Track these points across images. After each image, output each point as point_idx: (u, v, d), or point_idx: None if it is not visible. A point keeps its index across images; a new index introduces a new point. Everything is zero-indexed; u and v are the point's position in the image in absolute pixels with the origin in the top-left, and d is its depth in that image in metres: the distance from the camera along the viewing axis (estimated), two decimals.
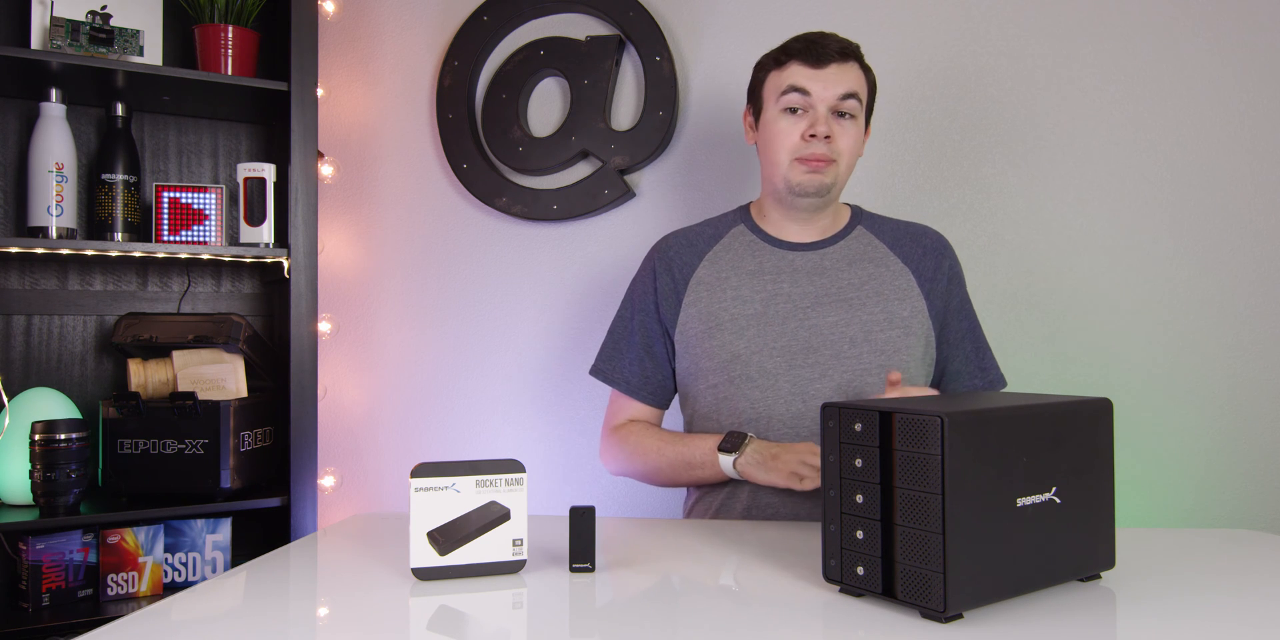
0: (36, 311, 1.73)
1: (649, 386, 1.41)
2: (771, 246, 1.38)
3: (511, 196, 1.88)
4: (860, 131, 1.32)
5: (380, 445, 1.94)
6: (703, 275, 1.38)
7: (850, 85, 1.28)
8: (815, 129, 1.27)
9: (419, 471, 0.93)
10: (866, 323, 1.30)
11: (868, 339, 1.29)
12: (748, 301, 1.33)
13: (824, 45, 1.29)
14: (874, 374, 1.28)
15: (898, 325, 1.30)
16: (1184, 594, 0.88)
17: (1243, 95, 1.68)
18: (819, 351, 1.29)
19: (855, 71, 1.30)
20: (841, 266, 1.34)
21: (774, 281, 1.34)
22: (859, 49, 1.32)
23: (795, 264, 1.35)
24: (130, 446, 1.57)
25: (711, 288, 1.36)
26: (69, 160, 1.61)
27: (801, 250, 1.36)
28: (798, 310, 1.32)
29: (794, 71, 1.30)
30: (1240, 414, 1.68)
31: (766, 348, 1.30)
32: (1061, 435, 0.86)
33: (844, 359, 1.28)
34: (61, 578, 1.55)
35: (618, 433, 1.42)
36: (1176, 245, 1.70)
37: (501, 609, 0.87)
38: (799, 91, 1.28)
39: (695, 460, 1.29)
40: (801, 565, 0.98)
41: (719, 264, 1.38)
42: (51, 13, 1.58)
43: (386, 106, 1.96)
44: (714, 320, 1.34)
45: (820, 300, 1.32)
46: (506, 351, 1.92)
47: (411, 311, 1.94)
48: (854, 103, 1.29)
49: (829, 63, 1.28)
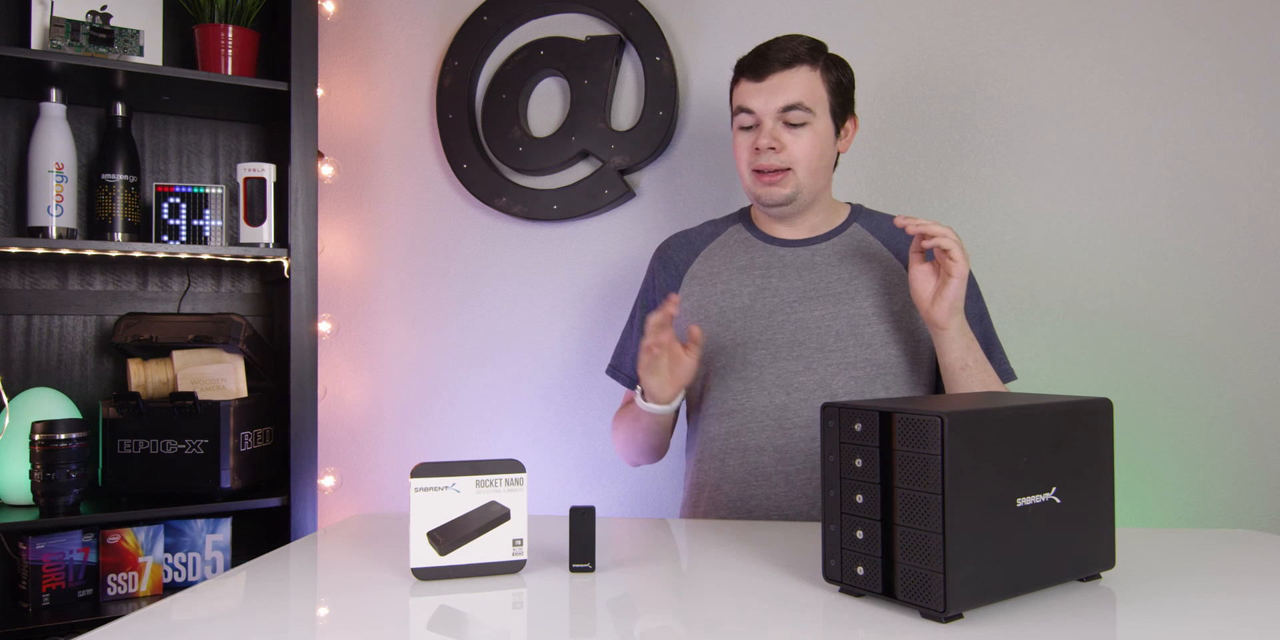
0: (36, 311, 1.73)
1: None
2: (764, 243, 1.39)
3: (511, 196, 1.88)
4: (816, 136, 1.29)
5: (380, 445, 1.94)
6: (696, 271, 1.40)
7: (791, 95, 1.27)
8: (759, 142, 1.29)
9: (419, 471, 0.94)
10: (853, 316, 1.30)
11: (854, 333, 1.30)
12: (737, 295, 1.35)
13: (768, 56, 1.29)
14: (859, 368, 1.29)
15: (886, 320, 1.30)
16: (1184, 594, 0.88)
17: (1243, 95, 1.68)
18: (804, 345, 1.30)
19: (801, 76, 1.28)
20: (832, 262, 1.35)
21: (763, 276, 1.35)
22: (814, 50, 1.30)
23: (786, 259, 1.36)
24: (130, 446, 1.57)
25: (704, 282, 1.38)
26: (69, 160, 1.61)
27: (793, 246, 1.38)
28: (785, 304, 1.33)
29: (742, 88, 1.32)
30: (1240, 414, 1.68)
31: (752, 340, 1.32)
32: (1061, 435, 0.86)
33: (829, 352, 1.29)
34: (61, 578, 1.55)
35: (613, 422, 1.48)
36: (1177, 245, 1.70)
37: (501, 609, 0.87)
38: (745, 110, 1.31)
39: (628, 412, 1.38)
40: (801, 565, 0.98)
41: (712, 260, 1.40)
42: (51, 13, 1.58)
43: (386, 106, 1.96)
44: (703, 313, 1.36)
45: (808, 294, 1.33)
46: (507, 351, 1.92)
47: (411, 311, 1.94)
48: (799, 112, 1.28)
49: (770, 74, 1.28)
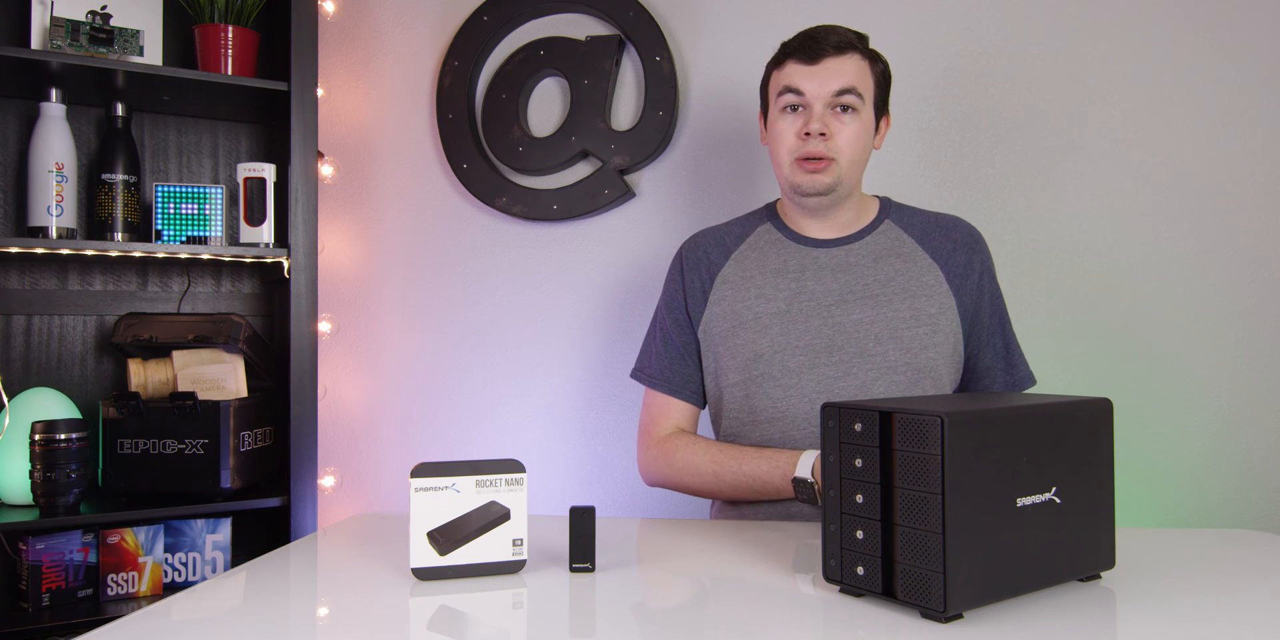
0: (36, 311, 1.73)
1: (690, 385, 1.38)
2: (796, 244, 1.35)
3: (511, 196, 1.88)
4: (863, 125, 1.28)
5: (380, 445, 1.94)
6: (728, 274, 1.36)
7: (847, 80, 1.26)
8: (810, 127, 1.26)
9: (419, 471, 0.93)
10: (892, 320, 1.27)
11: (893, 337, 1.26)
12: (771, 300, 1.31)
13: (819, 40, 1.27)
14: (899, 372, 1.25)
15: (924, 323, 1.27)
16: (1184, 594, 0.88)
17: (1243, 95, 1.68)
18: (843, 350, 1.27)
19: (854, 64, 1.27)
20: (867, 263, 1.32)
21: (798, 279, 1.32)
22: (861, 40, 1.30)
23: (820, 261, 1.33)
24: (130, 446, 1.57)
25: (736, 286, 1.35)
26: (69, 160, 1.61)
27: (827, 247, 1.34)
28: (821, 308, 1.29)
29: (790, 70, 1.28)
30: (1240, 414, 1.68)
31: (789, 346, 1.28)
32: (1061, 435, 0.86)
33: (869, 357, 1.26)
34: (61, 578, 1.55)
35: (663, 446, 1.36)
36: (1177, 245, 1.70)
37: (501, 609, 0.87)
38: (793, 91, 1.27)
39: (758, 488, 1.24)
40: (801, 565, 0.98)
41: (745, 263, 1.36)
42: (51, 13, 1.58)
43: (386, 106, 1.96)
44: (737, 319, 1.32)
45: (845, 297, 1.29)
46: (507, 351, 1.92)
47: (411, 311, 1.94)
48: (852, 97, 1.26)
49: (823, 58, 1.26)
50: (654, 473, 1.38)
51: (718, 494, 1.31)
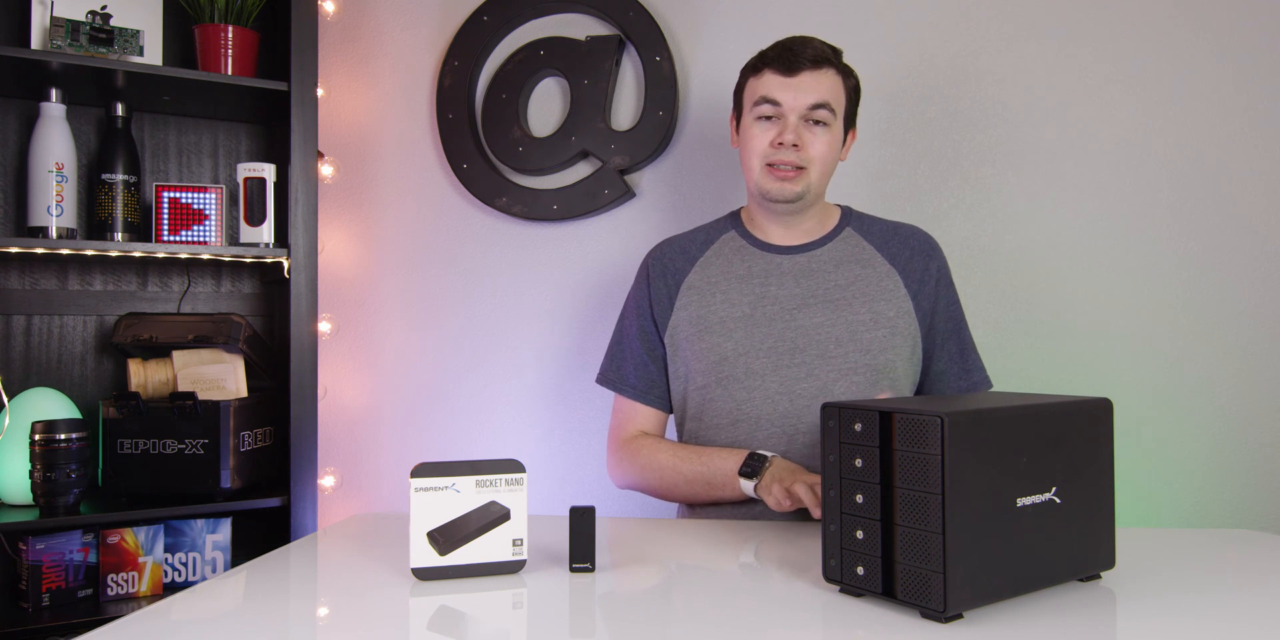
0: (36, 311, 1.73)
1: (655, 390, 1.42)
2: (760, 250, 1.39)
3: (511, 196, 1.88)
4: (834, 138, 1.33)
5: (380, 445, 1.94)
6: (694, 280, 1.40)
7: (821, 94, 1.29)
8: (783, 137, 1.29)
9: (419, 471, 0.94)
10: (852, 323, 1.31)
11: (853, 339, 1.30)
12: (736, 304, 1.35)
13: (797, 53, 1.30)
14: (859, 373, 1.29)
15: (883, 325, 1.31)
16: (1184, 594, 0.88)
17: (1243, 95, 1.68)
18: (805, 351, 1.30)
19: (829, 79, 1.31)
20: (828, 268, 1.35)
21: (762, 284, 1.36)
22: (836, 54, 1.33)
23: (783, 267, 1.37)
24: (130, 446, 1.57)
25: (701, 292, 1.38)
26: (69, 160, 1.61)
27: (789, 253, 1.38)
28: (784, 311, 1.33)
29: (767, 80, 1.32)
30: (1240, 414, 1.68)
31: (754, 349, 1.31)
32: (1061, 435, 0.86)
33: (829, 358, 1.29)
34: (61, 578, 1.55)
35: (627, 447, 1.40)
36: (1176, 245, 1.70)
37: (501, 609, 0.87)
38: (770, 102, 1.31)
39: (715, 480, 1.27)
40: (801, 565, 0.98)
41: (709, 270, 1.40)
42: (51, 13, 1.58)
43: (386, 106, 1.96)
44: (703, 323, 1.35)
45: (806, 301, 1.33)
46: (506, 351, 1.92)
47: (411, 311, 1.94)
48: (825, 112, 1.30)
49: (800, 71, 1.29)
50: (620, 474, 1.42)
51: (675, 489, 1.33)
